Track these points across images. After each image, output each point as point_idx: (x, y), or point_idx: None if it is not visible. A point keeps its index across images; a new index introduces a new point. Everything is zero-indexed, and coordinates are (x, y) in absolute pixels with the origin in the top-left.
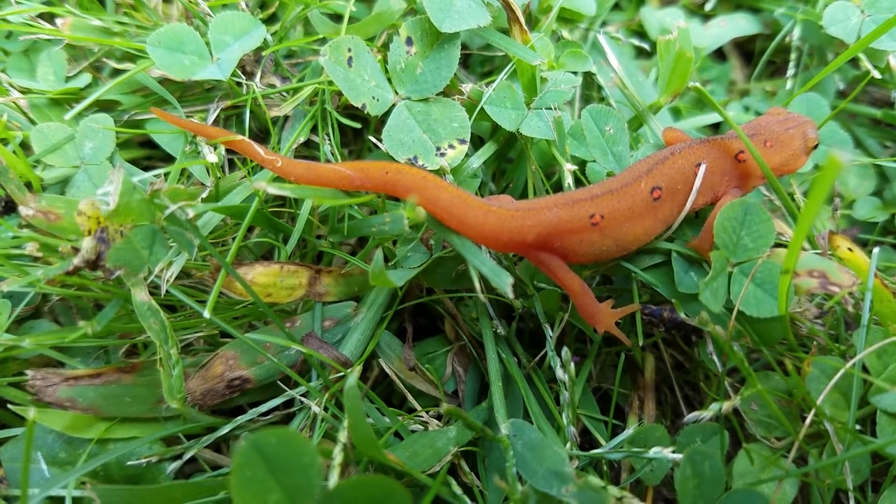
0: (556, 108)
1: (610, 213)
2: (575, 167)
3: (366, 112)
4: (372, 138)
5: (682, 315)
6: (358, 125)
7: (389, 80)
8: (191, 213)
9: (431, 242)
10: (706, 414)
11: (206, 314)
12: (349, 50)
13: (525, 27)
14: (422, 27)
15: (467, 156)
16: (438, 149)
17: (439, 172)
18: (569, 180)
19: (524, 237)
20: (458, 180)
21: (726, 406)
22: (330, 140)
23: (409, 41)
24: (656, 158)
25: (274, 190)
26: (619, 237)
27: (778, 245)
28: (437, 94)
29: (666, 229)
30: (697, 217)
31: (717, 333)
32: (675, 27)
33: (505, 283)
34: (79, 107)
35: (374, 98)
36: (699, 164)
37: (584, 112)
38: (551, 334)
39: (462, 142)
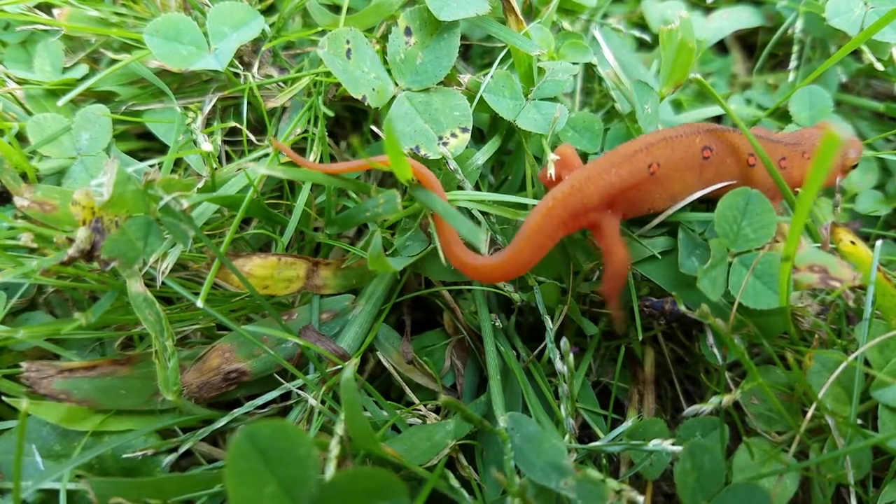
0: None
1: (665, 161)
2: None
3: (366, 104)
4: (374, 128)
5: (683, 307)
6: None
7: (389, 71)
8: (185, 204)
9: (430, 230)
10: (706, 407)
11: (199, 303)
12: (348, 42)
13: (520, 16)
14: (421, 17)
15: (469, 149)
16: (440, 138)
17: (440, 162)
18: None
19: (587, 207)
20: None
21: (727, 399)
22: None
23: (408, 31)
24: (717, 126)
25: (263, 170)
26: (669, 187)
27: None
28: (437, 84)
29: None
30: (708, 208)
31: (717, 325)
32: (677, 17)
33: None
34: (72, 93)
35: (373, 90)
36: (752, 154)
37: None
38: (551, 326)
39: (464, 130)
